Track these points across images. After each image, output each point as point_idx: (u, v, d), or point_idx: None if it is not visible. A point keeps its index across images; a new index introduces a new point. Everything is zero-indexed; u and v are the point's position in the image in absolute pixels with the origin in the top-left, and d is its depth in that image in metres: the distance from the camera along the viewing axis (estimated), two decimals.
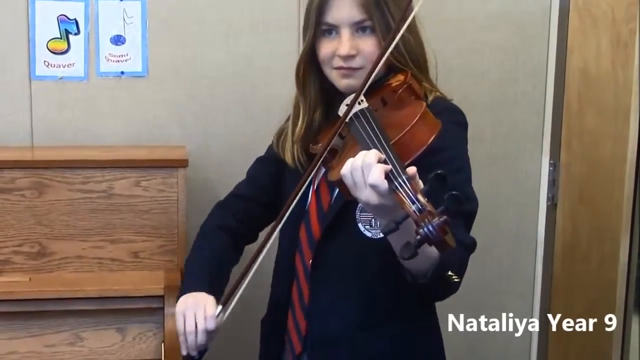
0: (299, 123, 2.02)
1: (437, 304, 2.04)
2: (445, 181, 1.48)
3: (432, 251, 1.62)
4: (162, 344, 2.28)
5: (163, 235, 2.49)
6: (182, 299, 1.96)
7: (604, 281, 2.79)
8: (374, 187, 1.55)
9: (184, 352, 1.94)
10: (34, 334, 2.29)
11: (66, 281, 2.38)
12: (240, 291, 1.91)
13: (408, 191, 1.50)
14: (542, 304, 3.17)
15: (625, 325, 2.72)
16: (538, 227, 3.16)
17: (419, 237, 1.44)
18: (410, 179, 1.53)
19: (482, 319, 3.10)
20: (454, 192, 1.45)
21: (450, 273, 1.66)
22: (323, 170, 1.96)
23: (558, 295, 3.10)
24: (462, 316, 2.09)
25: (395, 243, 1.63)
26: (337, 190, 1.92)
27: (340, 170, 1.63)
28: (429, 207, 1.46)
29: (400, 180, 1.52)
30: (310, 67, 2.01)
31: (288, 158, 2.03)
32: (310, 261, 1.98)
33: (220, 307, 1.92)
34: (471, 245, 1.82)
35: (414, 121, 1.71)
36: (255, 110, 2.88)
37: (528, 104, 3.08)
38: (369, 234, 1.89)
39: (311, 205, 2.01)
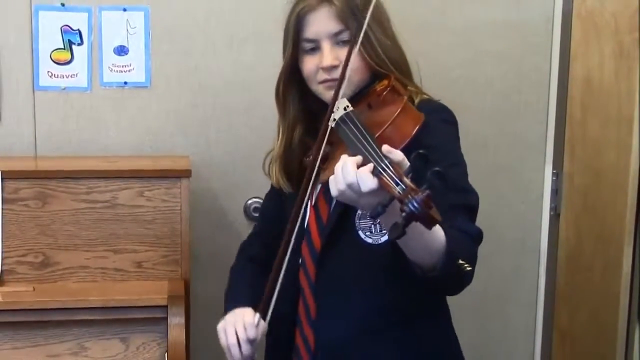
0: (278, 142, 2.07)
1: None
2: (427, 160, 1.50)
3: (438, 241, 1.63)
4: (166, 354, 2.28)
5: (167, 245, 2.49)
6: (223, 319, 2.01)
7: (607, 290, 2.78)
8: (370, 193, 1.56)
9: None
10: (37, 343, 2.29)
11: (70, 291, 2.38)
12: (275, 297, 1.92)
13: (392, 174, 1.52)
14: (545, 312, 3.17)
15: (628, 333, 2.71)
16: (541, 237, 3.16)
17: (404, 214, 1.45)
18: (393, 163, 1.55)
19: (486, 328, 3.11)
20: (436, 169, 1.46)
21: (461, 261, 1.67)
22: (319, 186, 1.98)
23: (561, 304, 3.10)
24: (465, 324, 2.08)
25: (388, 229, 1.63)
26: (335, 201, 1.93)
27: (331, 173, 1.65)
28: (412, 185, 1.48)
29: (383, 165, 1.55)
30: (290, 85, 2.05)
31: (272, 178, 2.09)
32: (314, 274, 1.98)
33: (258, 314, 1.94)
34: (477, 235, 1.82)
35: (396, 114, 1.78)
36: (259, 120, 2.88)
37: (531, 113, 3.08)
38: (369, 240, 1.90)
39: (310, 221, 2.02)
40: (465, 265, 1.68)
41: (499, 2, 3.01)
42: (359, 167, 1.58)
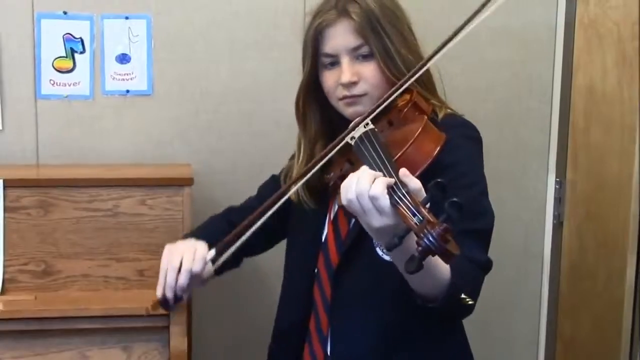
0: (300, 158, 2.02)
1: None
2: (446, 190, 1.45)
3: (442, 272, 1.61)
4: None
5: None
6: (178, 241, 1.97)
7: (610, 298, 2.78)
8: (373, 199, 1.53)
9: (159, 293, 1.92)
10: (39, 352, 2.28)
11: (72, 300, 2.37)
12: (239, 244, 1.87)
13: (408, 204, 1.49)
14: (548, 321, 3.16)
15: (632, 342, 2.70)
16: (544, 245, 3.16)
17: (420, 248, 1.42)
18: (410, 192, 1.51)
19: (489, 336, 3.10)
20: (454, 199, 1.42)
21: (463, 296, 1.64)
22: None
23: (564, 313, 3.09)
24: (468, 333, 2.08)
25: (400, 260, 1.60)
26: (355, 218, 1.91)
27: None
28: (430, 217, 1.44)
29: (400, 194, 1.51)
30: (310, 99, 2.01)
31: (292, 195, 1.99)
32: (330, 290, 1.95)
33: (213, 251, 1.90)
34: (485, 265, 1.79)
35: (416, 135, 1.72)
36: (261, 128, 2.88)
37: (534, 121, 3.08)
38: (387, 258, 1.81)
39: (329, 236, 1.98)
40: (468, 299, 1.65)
41: (501, 10, 2.99)
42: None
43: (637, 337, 2.68)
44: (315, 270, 1.99)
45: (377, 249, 1.86)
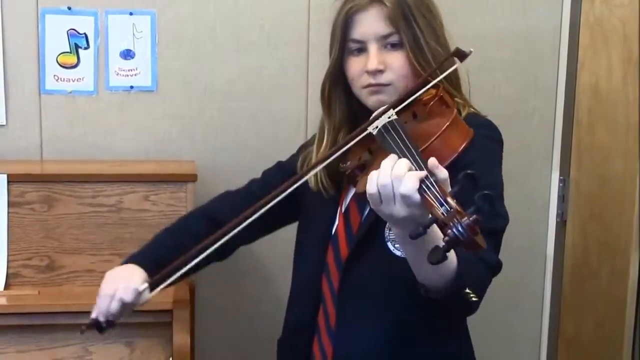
0: (323, 144, 1.98)
1: None
2: (476, 181, 1.43)
3: (451, 264, 1.60)
4: (171, 358, 2.27)
5: None
6: (119, 267, 1.98)
7: (613, 298, 2.78)
8: (405, 197, 1.50)
9: (93, 315, 1.93)
10: (42, 347, 2.28)
11: (75, 295, 2.38)
12: (175, 278, 1.86)
13: (436, 193, 1.46)
14: (551, 320, 3.16)
15: (634, 342, 2.71)
16: (547, 244, 3.15)
17: (447, 238, 1.39)
18: (439, 181, 1.49)
19: (491, 335, 3.10)
20: (485, 192, 1.39)
21: (467, 290, 1.63)
22: (352, 191, 1.93)
23: (567, 312, 3.09)
24: (470, 332, 2.07)
25: (418, 251, 1.58)
26: (368, 209, 1.89)
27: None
28: (459, 208, 1.42)
29: (427, 183, 1.48)
30: (335, 86, 1.97)
31: (311, 181, 1.97)
32: (338, 283, 1.93)
33: (145, 284, 1.90)
34: (495, 265, 1.78)
35: (444, 127, 1.69)
36: (265, 125, 2.88)
37: (538, 120, 3.08)
38: (398, 253, 1.81)
39: (339, 228, 1.96)
40: (472, 295, 1.61)
41: (506, 10, 3.01)
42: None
43: (639, 337, 2.69)
44: (325, 263, 1.97)
45: (389, 244, 1.84)
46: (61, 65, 2.78)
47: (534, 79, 3.05)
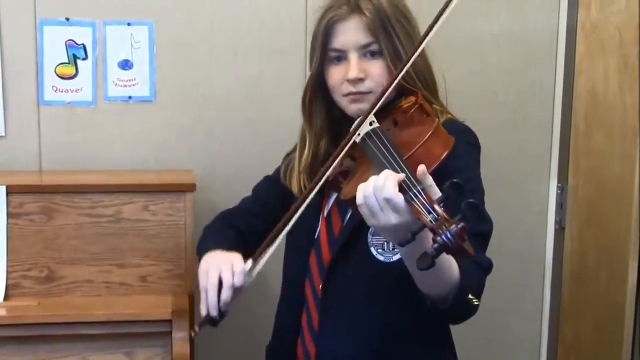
0: (305, 152, 2.02)
1: None
2: (462, 190, 1.46)
3: (452, 272, 1.62)
4: None
5: (171, 259, 2.48)
6: (205, 257, 1.93)
7: (612, 302, 2.78)
8: (388, 201, 1.52)
9: (204, 311, 1.89)
10: (42, 358, 2.28)
11: (74, 305, 2.38)
12: (273, 248, 1.84)
13: (424, 201, 1.49)
14: (550, 326, 3.17)
15: (633, 347, 2.70)
16: (546, 250, 3.16)
17: (436, 245, 1.43)
18: (425, 189, 1.52)
19: (490, 341, 3.10)
20: (471, 200, 1.43)
21: (470, 296, 1.65)
22: (334, 196, 1.96)
23: (566, 318, 3.09)
24: (469, 338, 2.08)
25: (410, 257, 1.61)
26: (349, 215, 1.92)
27: (352, 189, 1.62)
28: (446, 215, 1.45)
29: (415, 191, 1.52)
30: (316, 94, 2.01)
31: (294, 188, 2.02)
32: (321, 287, 1.96)
33: (250, 261, 1.86)
34: (488, 266, 1.79)
35: (427, 136, 1.72)
36: (263, 134, 2.88)
37: (535, 125, 3.08)
38: (381, 258, 1.86)
39: (321, 232, 2.00)
40: (474, 300, 1.66)
41: (503, 15, 3.02)
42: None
43: (639, 342, 2.68)
44: (308, 267, 2.00)
45: (372, 249, 1.88)
46: (59, 76, 2.79)
47: (531, 85, 3.06)
